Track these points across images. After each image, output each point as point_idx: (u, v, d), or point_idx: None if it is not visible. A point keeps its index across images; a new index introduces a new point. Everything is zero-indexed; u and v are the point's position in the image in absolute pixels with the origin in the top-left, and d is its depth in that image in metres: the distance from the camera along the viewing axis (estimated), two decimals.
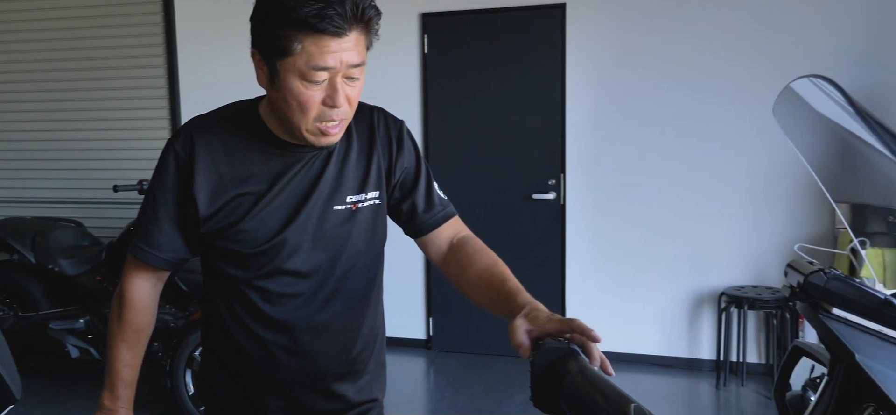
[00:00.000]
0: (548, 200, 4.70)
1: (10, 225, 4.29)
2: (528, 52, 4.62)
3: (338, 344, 1.38)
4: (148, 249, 1.34)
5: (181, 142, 1.31)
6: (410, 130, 1.45)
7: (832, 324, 0.73)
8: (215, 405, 1.47)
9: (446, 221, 1.44)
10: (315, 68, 1.13)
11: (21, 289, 4.22)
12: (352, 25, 1.13)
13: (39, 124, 5.31)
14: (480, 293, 1.28)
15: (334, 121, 1.20)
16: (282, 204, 1.29)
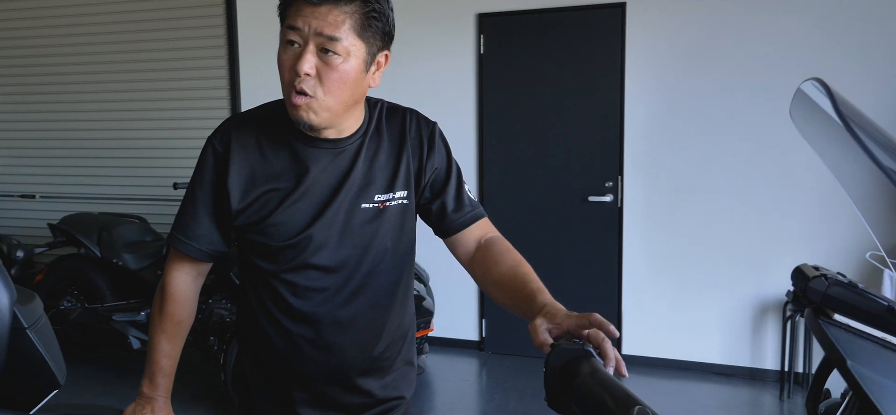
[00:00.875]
0: (604, 202, 4.65)
1: (78, 220, 4.55)
2: (585, 53, 4.58)
3: (362, 340, 1.42)
4: (186, 240, 1.41)
5: (219, 138, 1.38)
6: (457, 131, 1.49)
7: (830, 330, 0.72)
8: (246, 395, 1.52)
9: (475, 222, 1.45)
10: (288, 28, 1.23)
11: (87, 281, 4.47)
12: None
13: (106, 124, 5.59)
14: (503, 294, 1.29)
15: (301, 92, 1.24)
16: (310, 200, 1.34)
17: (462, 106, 4.80)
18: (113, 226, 4.44)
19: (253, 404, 1.51)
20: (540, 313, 1.10)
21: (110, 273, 4.43)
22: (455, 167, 1.47)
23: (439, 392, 4.38)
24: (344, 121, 1.34)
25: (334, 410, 1.46)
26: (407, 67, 4.82)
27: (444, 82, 4.80)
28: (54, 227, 4.59)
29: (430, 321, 4.18)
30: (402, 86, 4.84)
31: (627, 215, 4.61)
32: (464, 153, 4.82)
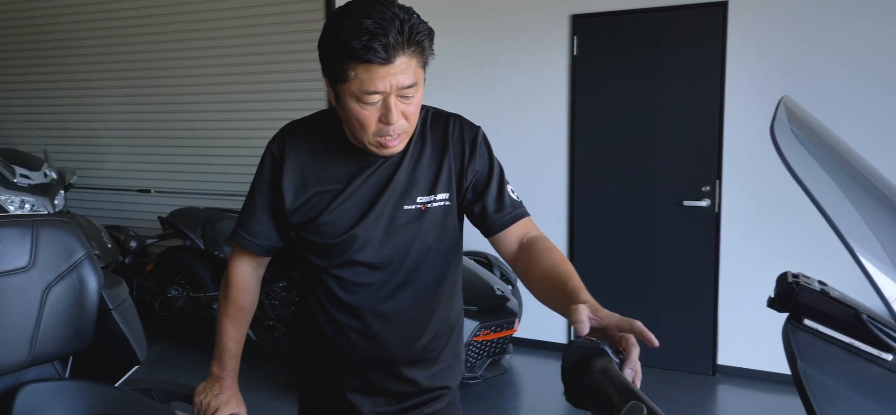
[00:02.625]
0: (701, 207, 4.55)
1: (185, 214, 4.96)
2: (684, 53, 4.50)
3: (407, 332, 1.54)
4: (246, 236, 1.58)
5: (276, 143, 1.55)
6: (547, 133, 1.56)
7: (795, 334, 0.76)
8: (304, 380, 1.69)
9: (516, 222, 1.52)
10: (367, 92, 1.30)
11: (192, 272, 4.86)
12: (397, 53, 1.28)
13: (215, 123, 6.04)
14: (544, 292, 1.36)
15: (391, 135, 1.36)
16: (356, 202, 1.48)
17: (553, 108, 4.84)
18: (216, 220, 4.81)
19: (309, 387, 1.68)
20: (585, 304, 1.15)
21: (212, 264, 4.80)
22: (497, 169, 1.55)
23: (524, 393, 4.45)
24: None
25: (382, 396, 1.59)
26: (498, 69, 4.91)
27: (534, 84, 4.86)
28: (163, 220, 5.03)
29: (514, 322, 4.26)
30: (492, 88, 4.94)
31: (725, 221, 4.50)
32: (554, 156, 4.86)
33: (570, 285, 1.28)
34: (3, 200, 5.05)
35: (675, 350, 4.67)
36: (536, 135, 4.90)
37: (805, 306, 0.77)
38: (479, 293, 4.16)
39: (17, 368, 1.50)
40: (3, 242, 1.47)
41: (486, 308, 4.14)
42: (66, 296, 1.54)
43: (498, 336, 4.21)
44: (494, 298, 4.18)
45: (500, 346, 4.30)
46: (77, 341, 1.58)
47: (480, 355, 4.19)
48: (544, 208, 4.87)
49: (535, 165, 4.90)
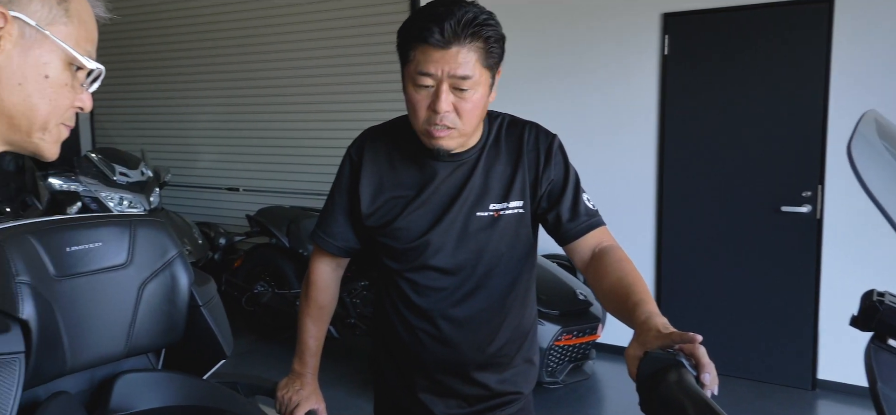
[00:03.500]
0: (801, 213, 4.38)
1: (271, 213, 5.17)
2: (783, 52, 4.33)
3: (478, 336, 1.58)
4: (325, 237, 1.66)
5: (355, 148, 1.63)
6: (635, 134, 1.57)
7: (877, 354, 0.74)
8: (379, 379, 1.76)
9: (590, 231, 1.53)
10: (420, 73, 1.38)
11: (277, 269, 5.06)
12: (454, 40, 1.34)
13: (302, 124, 6.25)
14: (611, 305, 1.36)
15: (440, 127, 1.40)
16: (429, 208, 1.53)
17: (641, 109, 4.76)
18: (300, 219, 4.99)
19: (384, 385, 1.74)
20: (633, 339, 1.14)
21: (297, 262, 4.98)
22: (572, 178, 1.56)
23: (607, 400, 4.41)
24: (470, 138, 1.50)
25: (453, 398, 1.64)
26: (584, 72, 4.87)
27: (622, 86, 4.78)
28: (251, 218, 5.26)
29: (597, 327, 4.22)
30: (578, 90, 4.90)
31: (828, 227, 4.31)
32: (642, 158, 4.78)
33: (632, 299, 1.27)
34: (103, 197, 5.41)
35: (772, 362, 4.51)
36: (624, 138, 4.82)
37: (889, 326, 0.75)
38: (561, 297, 4.15)
39: (116, 358, 1.63)
40: (104, 240, 1.60)
41: (569, 313, 4.12)
42: (159, 292, 1.66)
43: (580, 342, 4.19)
44: (577, 302, 4.16)
45: (583, 351, 4.28)
46: (169, 335, 1.69)
47: (562, 359, 4.18)
48: (631, 215, 4.80)
49: (622, 168, 4.84)
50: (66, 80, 0.89)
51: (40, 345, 1.40)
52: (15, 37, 0.83)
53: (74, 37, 0.88)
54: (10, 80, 0.84)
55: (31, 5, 0.85)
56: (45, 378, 1.47)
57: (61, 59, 0.87)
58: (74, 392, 1.58)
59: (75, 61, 0.89)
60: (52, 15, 0.86)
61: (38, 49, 0.85)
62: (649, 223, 4.82)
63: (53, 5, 0.87)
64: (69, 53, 0.87)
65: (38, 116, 0.87)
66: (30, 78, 0.85)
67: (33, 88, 0.86)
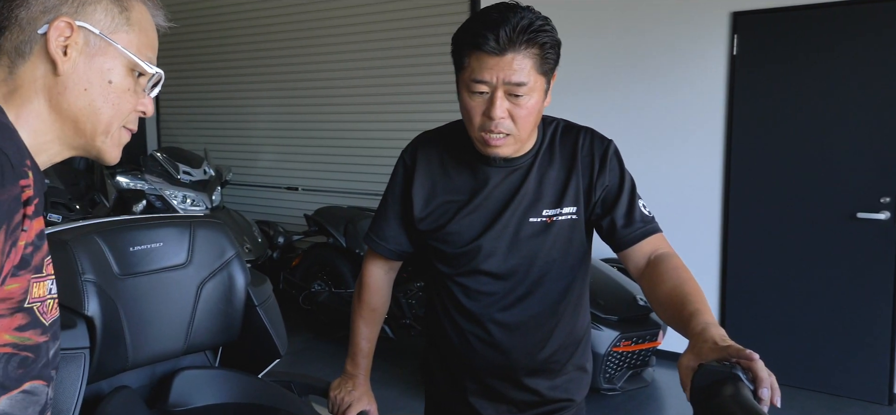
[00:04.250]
0: (879, 220, 4.20)
1: (328, 212, 5.27)
2: (861, 52, 4.16)
3: (529, 342, 1.59)
4: (378, 240, 1.69)
5: (408, 152, 1.66)
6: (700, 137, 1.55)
7: None
8: (430, 381, 1.79)
9: (646, 238, 1.52)
10: (474, 80, 1.39)
11: (334, 268, 5.16)
12: (510, 47, 1.35)
13: (359, 124, 6.33)
14: (666, 313, 1.35)
15: (495, 133, 1.41)
16: (481, 213, 1.55)
17: (708, 111, 4.64)
18: (357, 219, 5.07)
19: (435, 388, 1.77)
20: (687, 350, 1.13)
21: (353, 262, 5.06)
22: (628, 184, 1.56)
23: (667, 408, 4.34)
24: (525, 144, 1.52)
25: (503, 403, 1.65)
26: (648, 73, 4.79)
27: (687, 87, 4.68)
28: (309, 217, 5.37)
29: (657, 334, 4.16)
30: (640, 92, 4.83)
31: None
32: (707, 161, 4.67)
33: (687, 309, 1.25)
34: (167, 195, 5.61)
35: (846, 376, 4.35)
36: (688, 143, 4.72)
37: None
38: (620, 303, 4.10)
39: (176, 355, 1.70)
40: (165, 241, 1.67)
41: (628, 318, 4.07)
42: (217, 291, 1.73)
43: (640, 348, 4.13)
44: (637, 308, 4.11)
45: (642, 358, 4.22)
46: (226, 334, 1.76)
47: (620, 366, 4.13)
48: (695, 223, 4.70)
49: (686, 175, 4.74)
50: (129, 86, 0.94)
51: (104, 341, 1.48)
52: (80, 45, 0.89)
53: (136, 44, 0.94)
54: (76, 87, 0.90)
55: (96, 15, 0.90)
56: (108, 373, 1.55)
57: (124, 65, 0.93)
58: (136, 387, 1.66)
59: (137, 67, 0.94)
60: (115, 23, 0.92)
61: (102, 56, 0.91)
62: (714, 231, 4.71)
63: (116, 14, 0.92)
64: (131, 59, 0.93)
65: (101, 120, 0.92)
66: (94, 84, 0.91)
67: (97, 94, 0.91)
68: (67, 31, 0.88)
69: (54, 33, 0.87)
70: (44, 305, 0.86)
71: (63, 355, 1.37)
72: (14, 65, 0.88)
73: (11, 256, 0.78)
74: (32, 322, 0.84)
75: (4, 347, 0.81)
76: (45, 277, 0.87)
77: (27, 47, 0.88)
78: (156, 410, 1.64)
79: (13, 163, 0.78)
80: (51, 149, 0.92)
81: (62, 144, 0.93)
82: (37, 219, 0.85)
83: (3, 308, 0.80)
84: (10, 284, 0.80)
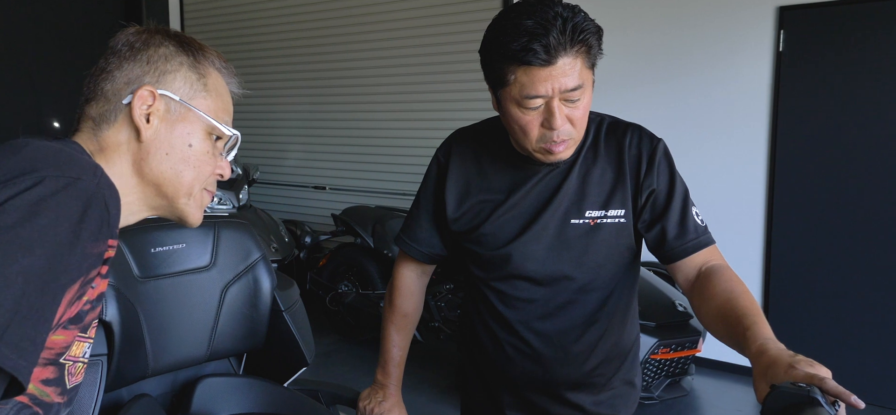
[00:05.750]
0: None
1: (356, 212, 5.21)
2: None
3: (571, 354, 1.49)
4: (410, 242, 1.61)
5: (443, 151, 1.58)
6: (742, 137, 1.44)
7: None
8: (466, 393, 1.71)
9: (698, 251, 1.41)
10: (528, 97, 1.27)
11: (361, 269, 5.09)
12: (559, 53, 1.23)
13: (388, 123, 6.28)
14: (719, 328, 1.25)
15: (556, 141, 1.31)
16: (519, 213, 1.45)
17: (752, 109, 4.48)
18: (385, 219, 5.00)
19: (470, 398, 1.68)
20: (758, 372, 1.04)
21: (381, 263, 5.00)
22: (679, 189, 1.44)
23: None
24: None
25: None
26: (688, 70, 4.66)
27: (730, 85, 4.53)
28: (336, 217, 5.32)
29: (697, 342, 4.03)
30: (680, 91, 4.69)
31: None
32: (751, 161, 4.52)
33: (742, 323, 1.16)
34: None
35: None
36: (731, 143, 4.57)
37: None
38: (658, 308, 3.98)
39: (198, 362, 1.63)
40: (188, 242, 1.61)
41: (667, 325, 3.95)
42: (242, 295, 1.66)
43: (678, 355, 4.01)
44: (676, 314, 3.98)
45: (681, 366, 4.09)
46: (251, 340, 1.69)
47: (658, 374, 4.01)
48: (737, 223, 4.55)
49: (727, 176, 4.59)
50: (208, 149, 0.99)
51: (123, 347, 1.41)
52: (162, 112, 0.94)
53: (213, 108, 0.99)
54: (159, 151, 0.94)
55: (176, 83, 0.96)
56: (127, 380, 1.49)
57: (203, 129, 0.98)
58: (156, 395, 1.60)
59: (215, 131, 0.99)
60: (194, 90, 0.97)
61: (183, 122, 0.96)
62: (757, 236, 4.56)
63: (194, 81, 0.97)
64: (210, 123, 0.98)
65: (183, 183, 0.97)
66: (176, 148, 0.95)
67: (179, 158, 0.96)
68: (150, 100, 0.93)
69: (138, 102, 0.92)
70: (75, 366, 0.87)
71: None
72: (98, 129, 0.93)
73: (72, 308, 0.80)
74: (58, 380, 0.84)
75: (23, 396, 0.79)
76: (87, 339, 0.89)
77: (112, 115, 0.93)
78: None
79: (111, 222, 0.81)
80: (131, 209, 0.96)
81: (144, 206, 0.98)
82: (104, 281, 0.87)
83: (42, 357, 0.80)
84: (58, 335, 0.81)
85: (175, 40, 0.98)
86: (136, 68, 0.94)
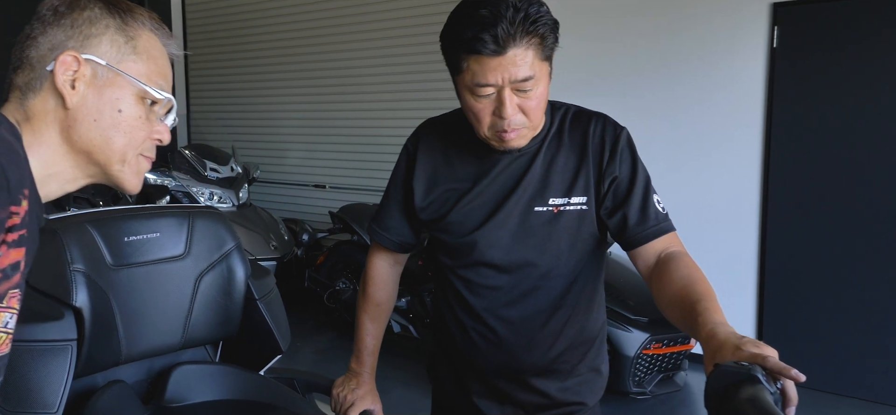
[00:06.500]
0: None
1: (353, 210, 5.24)
2: None
3: (536, 341, 1.50)
4: (380, 231, 1.64)
5: (411, 140, 1.60)
6: (736, 136, 1.45)
7: None
8: (436, 382, 1.73)
9: (658, 237, 1.43)
10: (478, 85, 1.31)
11: (359, 266, 5.12)
12: (509, 44, 1.25)
13: (385, 122, 6.31)
14: (675, 314, 1.27)
15: (507, 130, 1.34)
16: (484, 201, 1.47)
17: (745, 108, 4.48)
18: None
19: (441, 389, 1.71)
20: (704, 348, 1.07)
21: None
22: (641, 177, 1.46)
23: (700, 413, 4.21)
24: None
25: (510, 405, 1.58)
26: (680, 68, 4.66)
27: (723, 81, 4.53)
28: (333, 214, 5.35)
29: (690, 337, 4.04)
30: (672, 89, 4.69)
31: None
32: (745, 157, 4.52)
33: (696, 308, 1.18)
34: (194, 192, 5.63)
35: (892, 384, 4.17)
36: (724, 140, 4.56)
37: None
38: (650, 304, 3.98)
39: (173, 349, 1.66)
40: (162, 231, 1.63)
41: (659, 320, 3.96)
42: (216, 284, 1.69)
43: (671, 351, 4.02)
44: None
45: (674, 361, 4.10)
46: (225, 328, 1.72)
47: (650, 369, 4.02)
48: (731, 222, 4.55)
49: (721, 174, 4.59)
50: (140, 114, 0.96)
51: (94, 333, 1.44)
52: (88, 78, 0.92)
53: (145, 72, 0.96)
54: (86, 118, 0.92)
55: (101, 46, 0.93)
56: (100, 366, 1.52)
57: (133, 94, 0.95)
58: (132, 382, 1.62)
59: (147, 95, 0.96)
60: (122, 53, 0.94)
61: (111, 87, 0.93)
62: (751, 235, 4.55)
63: (122, 44, 0.94)
64: (141, 88, 0.95)
65: (114, 150, 0.94)
66: (105, 114, 0.93)
67: (108, 124, 0.93)
68: (74, 65, 0.90)
69: (61, 68, 0.90)
70: None
71: (49, 347, 1.34)
72: (25, 98, 0.91)
73: None
74: None
75: None
76: (5, 309, 0.86)
77: (37, 83, 0.91)
78: (151, 405, 1.60)
79: (11, 188, 0.78)
80: (64, 177, 0.94)
81: (79, 173, 0.95)
82: (16, 249, 0.84)
83: None
84: None
85: (101, 2, 0.95)
86: (60, 33, 0.91)
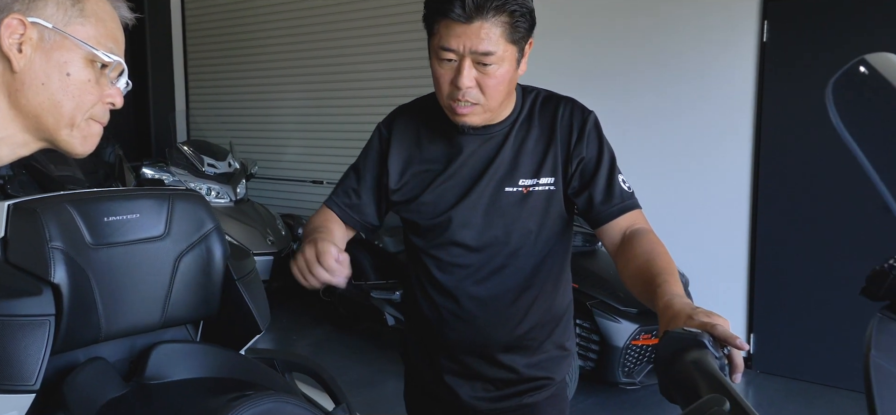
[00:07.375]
0: None
1: None
2: None
3: (504, 317, 1.54)
4: (345, 208, 1.60)
5: (385, 123, 1.63)
6: (726, 131, 1.47)
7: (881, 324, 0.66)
8: (408, 362, 1.76)
9: (623, 214, 1.47)
10: (441, 48, 1.36)
11: (353, 259, 5.09)
12: (477, 15, 1.30)
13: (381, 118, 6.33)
14: (637, 287, 1.31)
15: (463, 102, 1.37)
16: (456, 182, 1.51)
17: (735, 103, 4.49)
18: None
19: (412, 369, 1.74)
20: (661, 320, 1.11)
21: (373, 254, 5.05)
22: (607, 157, 1.50)
23: None
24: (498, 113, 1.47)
25: (479, 381, 1.61)
26: (668, 61, 4.67)
27: (713, 77, 4.54)
28: None
29: None
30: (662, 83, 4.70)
31: None
32: (735, 152, 4.52)
33: (655, 281, 1.22)
34: (191, 187, 5.67)
35: None
36: (714, 135, 4.58)
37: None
38: None
39: (152, 328, 1.69)
40: (142, 212, 1.66)
41: (648, 310, 3.95)
42: (195, 265, 1.72)
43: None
44: None
45: None
46: (204, 308, 1.75)
47: (640, 360, 4.04)
48: (722, 216, 4.56)
49: (711, 169, 4.60)
50: (89, 77, 0.95)
51: (73, 309, 1.47)
52: (35, 41, 0.90)
53: (93, 35, 0.94)
54: (34, 82, 0.91)
55: (47, 10, 0.91)
56: (80, 343, 1.55)
57: (82, 57, 0.94)
58: (113, 360, 1.65)
59: (96, 58, 0.95)
60: (68, 16, 0.93)
61: (59, 50, 0.92)
62: (742, 230, 4.56)
63: (68, 7, 0.93)
64: (89, 51, 0.94)
65: (63, 114, 0.94)
66: (52, 78, 0.92)
67: (56, 87, 0.92)
68: (20, 29, 0.89)
69: (5, 31, 0.88)
70: None
71: (27, 321, 1.37)
72: None
73: None
74: None
75: None
76: None
77: None
78: (133, 382, 1.63)
79: None
80: (13, 141, 0.94)
81: (29, 137, 0.95)
82: None
83: None
84: None
85: None
86: None
